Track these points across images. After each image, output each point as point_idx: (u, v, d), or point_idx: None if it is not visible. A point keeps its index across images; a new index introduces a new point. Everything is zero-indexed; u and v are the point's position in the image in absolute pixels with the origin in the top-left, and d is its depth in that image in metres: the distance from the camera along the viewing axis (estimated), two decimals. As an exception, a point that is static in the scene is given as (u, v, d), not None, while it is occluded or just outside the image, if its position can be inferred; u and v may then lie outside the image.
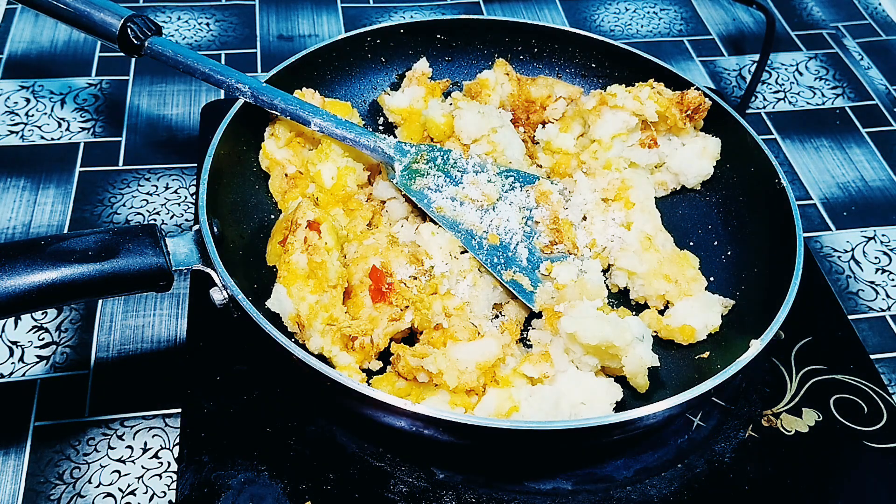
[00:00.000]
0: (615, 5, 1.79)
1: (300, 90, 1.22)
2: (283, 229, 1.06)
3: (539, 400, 0.94)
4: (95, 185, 1.30)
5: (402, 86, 1.33)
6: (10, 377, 1.06)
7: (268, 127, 1.20)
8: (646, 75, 1.28)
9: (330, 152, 1.13)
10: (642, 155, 1.23)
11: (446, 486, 0.97)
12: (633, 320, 1.02)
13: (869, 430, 1.07)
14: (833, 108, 1.58)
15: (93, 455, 1.00)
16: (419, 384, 0.96)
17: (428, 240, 1.05)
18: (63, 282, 0.83)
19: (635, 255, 1.11)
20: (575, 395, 0.96)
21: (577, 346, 0.98)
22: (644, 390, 1.00)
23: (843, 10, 1.83)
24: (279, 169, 1.18)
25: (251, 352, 1.07)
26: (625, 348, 0.96)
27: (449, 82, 1.34)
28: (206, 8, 1.67)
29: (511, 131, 1.22)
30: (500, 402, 0.94)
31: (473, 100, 1.26)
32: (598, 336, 0.95)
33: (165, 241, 0.91)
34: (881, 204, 1.41)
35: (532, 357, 0.98)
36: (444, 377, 0.92)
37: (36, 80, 1.46)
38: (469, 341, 0.96)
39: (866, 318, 1.24)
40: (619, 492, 0.99)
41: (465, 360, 0.94)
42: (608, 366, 1.00)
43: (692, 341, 1.07)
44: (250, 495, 0.94)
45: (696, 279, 1.11)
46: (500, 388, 0.96)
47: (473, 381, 0.94)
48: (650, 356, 0.98)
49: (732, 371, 0.90)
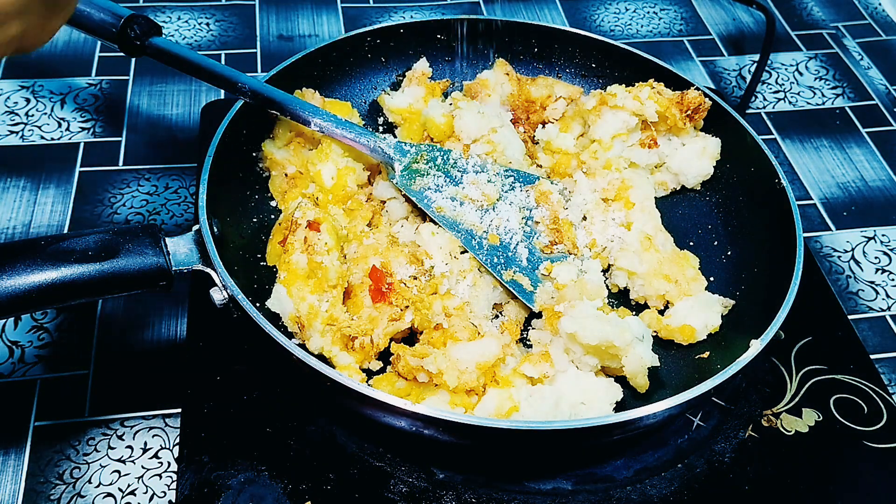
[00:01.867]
0: (615, 5, 1.79)
1: (300, 90, 1.22)
2: (283, 229, 1.06)
3: (539, 400, 0.94)
4: (95, 185, 1.30)
5: (402, 86, 1.33)
6: (10, 377, 1.06)
7: (268, 127, 1.20)
8: (646, 75, 1.28)
9: (330, 152, 1.13)
10: (642, 155, 1.23)
11: (446, 486, 0.97)
12: (633, 320, 1.02)
13: (869, 430, 1.07)
14: (833, 108, 1.58)
15: (93, 455, 1.00)
16: (419, 384, 0.96)
17: (428, 240, 1.05)
18: (63, 282, 0.83)
19: (635, 255, 1.11)
20: (575, 395, 0.96)
21: (577, 346, 0.98)
22: (644, 390, 1.00)
23: (843, 10, 1.83)
24: (279, 169, 1.18)
25: (251, 352, 1.07)
26: (625, 348, 0.96)
27: (449, 82, 1.34)
28: (206, 8, 1.67)
29: (511, 131, 1.22)
30: (500, 402, 0.94)
31: (473, 100, 1.26)
32: (598, 336, 0.95)
33: (165, 242, 0.91)
34: (881, 204, 1.41)
35: (532, 357, 0.98)
36: (444, 377, 0.92)
37: (36, 80, 1.46)
38: (469, 341, 0.96)
39: (866, 318, 1.24)
40: (619, 492, 0.99)
41: (465, 360, 0.94)
42: (608, 366, 1.00)
43: (692, 341, 1.07)
44: (250, 495, 0.94)
45: (696, 279, 1.11)
46: (500, 388, 0.96)
47: (473, 381, 0.94)
48: (650, 356, 0.98)
49: (732, 371, 0.90)
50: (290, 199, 1.15)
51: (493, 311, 1.09)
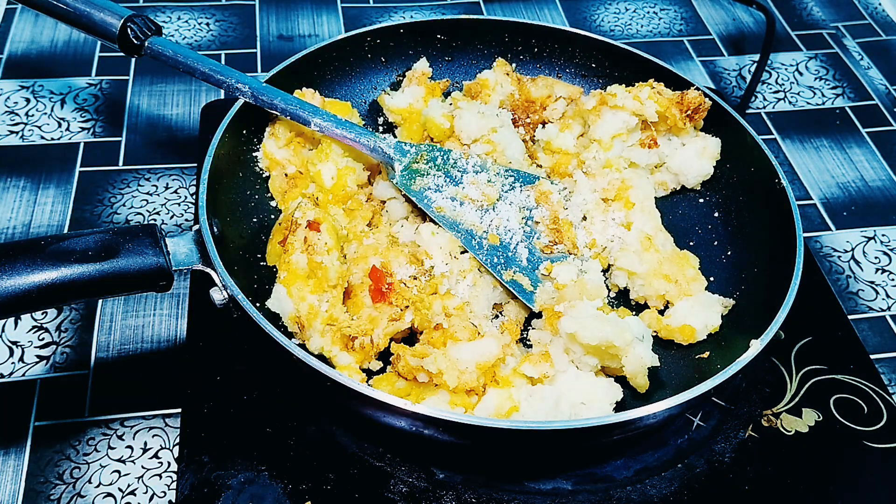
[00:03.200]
0: (615, 5, 1.79)
1: (300, 90, 1.22)
2: (283, 229, 1.06)
3: (539, 400, 0.94)
4: (95, 185, 1.30)
5: (402, 86, 1.33)
6: (10, 377, 1.06)
7: (268, 127, 1.20)
8: (646, 75, 1.28)
9: (330, 152, 1.13)
10: (642, 155, 1.23)
11: (446, 486, 0.97)
12: (633, 320, 1.02)
13: (869, 430, 1.07)
14: (833, 108, 1.58)
15: (93, 455, 1.00)
16: (419, 384, 0.96)
17: (428, 240, 1.05)
18: (63, 282, 0.83)
19: (635, 255, 1.11)
20: (575, 395, 0.96)
21: (577, 346, 0.98)
22: (644, 390, 1.00)
23: (843, 10, 1.83)
24: (279, 169, 1.18)
25: (251, 352, 1.07)
26: (625, 348, 0.96)
27: (449, 82, 1.34)
28: (206, 8, 1.67)
29: (511, 131, 1.22)
30: (500, 402, 0.94)
31: (473, 100, 1.26)
32: (598, 336, 0.95)
33: (165, 241, 0.91)
34: (881, 204, 1.41)
35: (532, 357, 0.98)
36: (444, 377, 0.92)
37: (36, 80, 1.46)
38: (469, 341, 0.96)
39: (866, 318, 1.24)
40: (619, 492, 0.99)
41: (465, 360, 0.94)
42: (608, 366, 1.00)
43: (692, 341, 1.07)
44: (250, 495, 0.94)
45: (696, 279, 1.11)
46: (500, 388, 0.96)
47: (473, 381, 0.94)
48: (650, 356, 0.98)
49: (732, 371, 0.90)
50: (290, 199, 1.15)
51: (493, 311, 1.09)
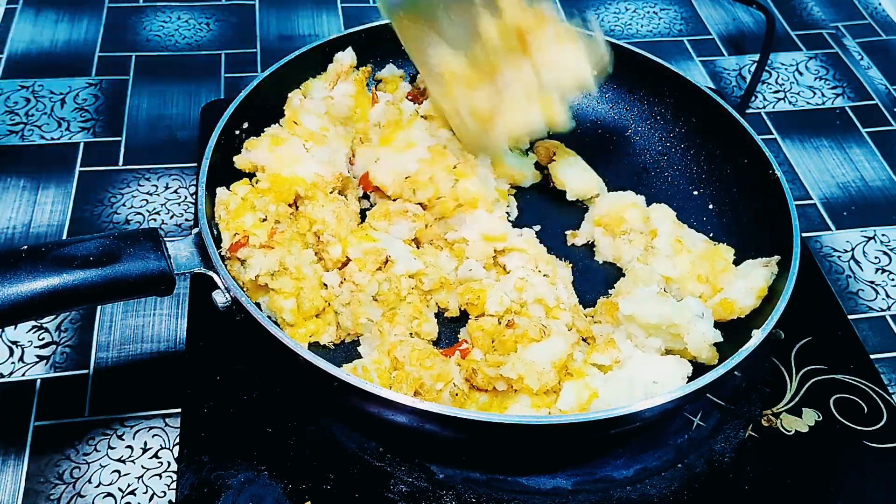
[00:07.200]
0: (615, 5, 1.79)
1: (299, 89, 1.21)
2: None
3: (615, 383, 0.94)
4: (95, 185, 1.30)
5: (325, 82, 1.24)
6: (10, 377, 1.06)
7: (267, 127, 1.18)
8: (646, 75, 1.28)
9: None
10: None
11: (446, 486, 0.97)
12: (691, 299, 1.03)
13: (869, 430, 1.07)
14: (833, 108, 1.58)
15: (93, 455, 1.00)
16: (499, 394, 0.95)
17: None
18: (66, 288, 0.82)
19: (668, 259, 1.09)
20: (646, 375, 0.96)
21: (639, 329, 0.99)
22: (713, 363, 0.99)
23: (843, 10, 1.83)
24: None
25: (251, 352, 1.07)
26: (685, 325, 0.97)
27: (371, 69, 1.28)
28: (206, 8, 1.67)
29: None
30: (578, 392, 0.94)
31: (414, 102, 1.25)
32: (658, 314, 0.97)
33: (166, 245, 0.91)
34: (881, 204, 1.41)
35: (598, 346, 0.99)
36: (524, 381, 0.92)
37: (36, 80, 1.46)
38: (539, 341, 0.96)
39: (866, 318, 1.24)
40: (619, 492, 0.99)
41: (541, 361, 0.94)
42: (671, 347, 1.00)
43: (740, 314, 1.04)
44: (250, 495, 0.94)
45: (727, 270, 1.09)
46: (575, 379, 0.96)
47: (553, 379, 0.93)
48: (712, 332, 0.98)
49: (730, 365, 0.90)
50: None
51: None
